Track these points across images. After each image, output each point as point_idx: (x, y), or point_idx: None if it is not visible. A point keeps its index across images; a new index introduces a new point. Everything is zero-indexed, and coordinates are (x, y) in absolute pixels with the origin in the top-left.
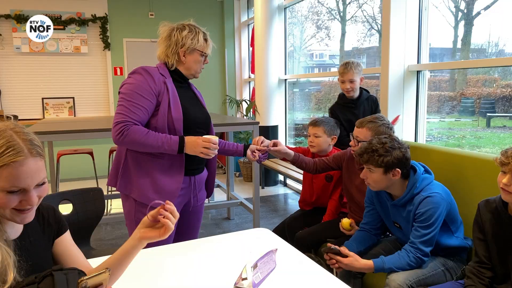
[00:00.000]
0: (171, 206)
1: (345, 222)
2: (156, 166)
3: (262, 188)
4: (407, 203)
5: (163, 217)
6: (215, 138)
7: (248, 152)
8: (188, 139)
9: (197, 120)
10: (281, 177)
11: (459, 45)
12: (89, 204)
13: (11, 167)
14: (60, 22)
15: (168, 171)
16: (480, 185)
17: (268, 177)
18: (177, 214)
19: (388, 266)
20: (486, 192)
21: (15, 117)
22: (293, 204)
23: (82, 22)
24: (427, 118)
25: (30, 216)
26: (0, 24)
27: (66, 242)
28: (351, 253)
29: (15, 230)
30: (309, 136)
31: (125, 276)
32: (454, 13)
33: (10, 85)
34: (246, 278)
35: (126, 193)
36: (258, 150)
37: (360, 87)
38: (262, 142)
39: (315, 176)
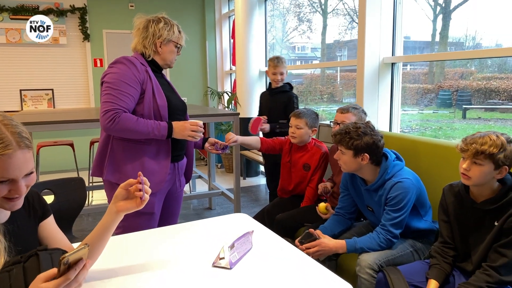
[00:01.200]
0: (144, 178)
1: (322, 206)
2: (144, 153)
3: (244, 178)
4: (379, 188)
5: (139, 190)
6: (201, 122)
7: (207, 144)
8: (176, 124)
9: (177, 107)
10: (262, 168)
11: (437, 39)
12: (71, 193)
13: (0, 160)
14: (37, 13)
15: (156, 157)
16: (448, 171)
17: (250, 168)
18: (149, 190)
19: (360, 246)
20: (453, 178)
21: None
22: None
23: (60, 13)
24: (405, 110)
25: (19, 203)
26: None
27: (50, 226)
28: (325, 236)
29: (4, 215)
30: (291, 127)
31: (109, 260)
32: (433, 7)
33: None
34: (223, 258)
35: (114, 181)
36: (216, 143)
37: (287, 82)
38: (231, 138)
39: (293, 165)
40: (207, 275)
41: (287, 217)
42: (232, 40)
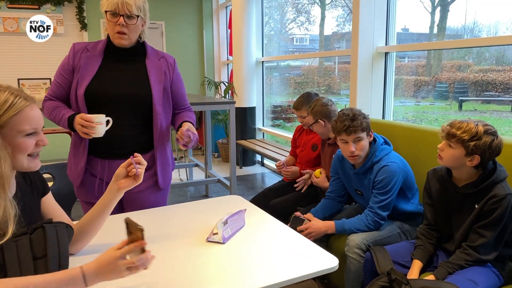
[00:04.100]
0: (138, 157)
1: (317, 171)
2: (71, 143)
3: (240, 168)
4: (367, 171)
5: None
6: (99, 117)
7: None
8: (76, 116)
9: (112, 98)
10: (258, 157)
11: (435, 31)
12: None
13: (25, 111)
14: (34, 2)
15: (74, 149)
16: (435, 156)
17: (246, 157)
18: (145, 162)
19: (348, 227)
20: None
21: None
22: (270, 182)
23: (57, 2)
24: (402, 102)
25: (39, 162)
26: None
27: (50, 201)
28: (314, 218)
29: (12, 188)
30: (298, 118)
31: (107, 236)
32: None
33: None
34: (217, 233)
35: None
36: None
37: None
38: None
39: (303, 146)
40: (201, 249)
41: (281, 202)
42: (229, 31)
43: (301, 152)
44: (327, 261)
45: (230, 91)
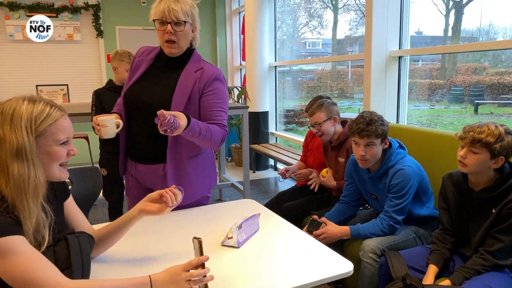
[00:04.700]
0: (175, 190)
1: (323, 170)
2: None
3: (253, 172)
4: (382, 175)
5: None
6: (104, 120)
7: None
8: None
9: (137, 103)
10: (271, 162)
11: (450, 33)
12: (87, 182)
13: (60, 121)
14: (52, 10)
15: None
16: (450, 160)
17: (259, 161)
18: (179, 199)
19: (363, 232)
20: (455, 166)
21: None
22: (284, 187)
23: (74, 10)
24: (416, 106)
25: (67, 171)
26: None
27: (72, 206)
28: (330, 222)
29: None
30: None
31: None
32: (445, 1)
33: (4, 73)
34: (231, 237)
35: None
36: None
37: None
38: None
39: (315, 149)
40: (216, 252)
41: (293, 206)
42: (242, 36)
43: (314, 155)
44: (342, 266)
45: (243, 96)
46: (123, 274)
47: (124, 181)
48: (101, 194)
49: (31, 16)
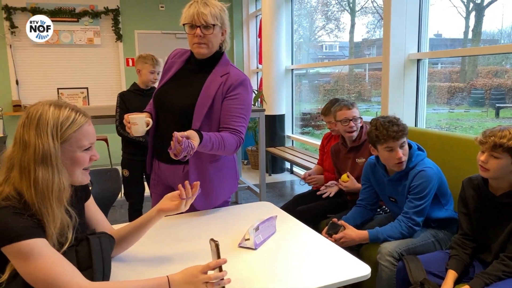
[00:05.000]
0: (188, 186)
1: (343, 176)
2: None
3: (269, 175)
4: (402, 177)
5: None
6: (134, 118)
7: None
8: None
9: (171, 104)
10: (287, 165)
11: (470, 36)
12: (106, 183)
13: (85, 127)
14: (74, 15)
15: None
16: (469, 164)
17: (275, 164)
18: (196, 192)
19: (382, 235)
20: (473, 171)
21: None
22: (300, 190)
23: (95, 15)
24: (435, 109)
25: (89, 175)
26: (16, 17)
27: (92, 207)
28: (349, 226)
29: None
30: (327, 124)
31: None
32: (465, 3)
33: (27, 76)
34: (249, 239)
35: None
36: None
37: None
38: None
39: (327, 153)
40: (233, 254)
41: (308, 209)
42: (259, 39)
43: (329, 158)
44: (359, 269)
45: (259, 99)
46: (141, 273)
47: (145, 182)
48: (119, 195)
49: (53, 21)
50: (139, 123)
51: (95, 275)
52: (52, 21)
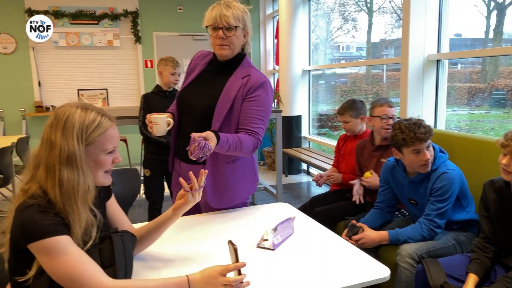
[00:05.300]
0: (193, 178)
1: (366, 173)
2: None
3: (286, 176)
4: (423, 179)
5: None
6: (156, 118)
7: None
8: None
9: (192, 105)
10: (304, 166)
11: (491, 35)
12: (126, 183)
13: (109, 131)
14: (94, 17)
15: None
16: (490, 166)
17: (292, 165)
18: (202, 182)
19: (402, 236)
20: (494, 173)
21: (54, 107)
22: (316, 191)
23: (114, 17)
24: (455, 110)
25: (111, 177)
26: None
27: (114, 206)
28: (368, 228)
29: None
30: (342, 123)
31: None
32: (486, 2)
33: (49, 78)
34: (267, 240)
35: None
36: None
37: None
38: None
39: (348, 154)
40: (252, 254)
41: (326, 210)
42: (275, 40)
43: (346, 160)
44: (378, 271)
45: (276, 100)
46: (159, 272)
47: (164, 181)
48: (139, 195)
49: (74, 24)
50: (160, 123)
51: (117, 272)
52: (73, 23)
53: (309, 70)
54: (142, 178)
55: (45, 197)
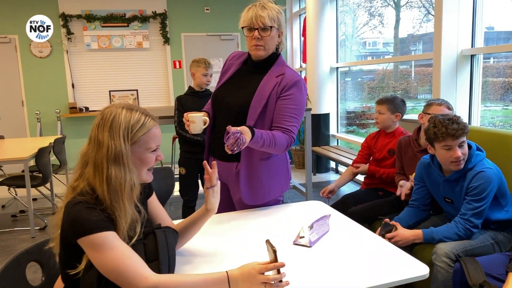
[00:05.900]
0: (207, 167)
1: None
2: None
3: (314, 174)
4: (460, 178)
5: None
6: (193, 116)
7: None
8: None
9: (227, 104)
10: (332, 164)
11: None
12: (161, 181)
13: (153, 130)
14: (124, 20)
15: None
16: None
17: (320, 164)
18: (214, 183)
19: (437, 235)
20: None
21: (86, 108)
22: (345, 190)
23: (143, 19)
24: (487, 106)
25: (152, 174)
26: (72, 24)
27: (155, 203)
28: (401, 227)
29: None
30: (376, 113)
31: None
32: None
33: (82, 79)
34: (303, 237)
35: None
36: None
37: None
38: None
39: (378, 151)
40: (289, 251)
41: (360, 210)
42: (302, 38)
43: (376, 154)
44: (416, 269)
45: None
46: (197, 267)
47: (199, 180)
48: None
49: (105, 26)
50: (197, 121)
51: (161, 267)
52: (105, 26)
53: (337, 68)
54: (176, 176)
55: (93, 194)
